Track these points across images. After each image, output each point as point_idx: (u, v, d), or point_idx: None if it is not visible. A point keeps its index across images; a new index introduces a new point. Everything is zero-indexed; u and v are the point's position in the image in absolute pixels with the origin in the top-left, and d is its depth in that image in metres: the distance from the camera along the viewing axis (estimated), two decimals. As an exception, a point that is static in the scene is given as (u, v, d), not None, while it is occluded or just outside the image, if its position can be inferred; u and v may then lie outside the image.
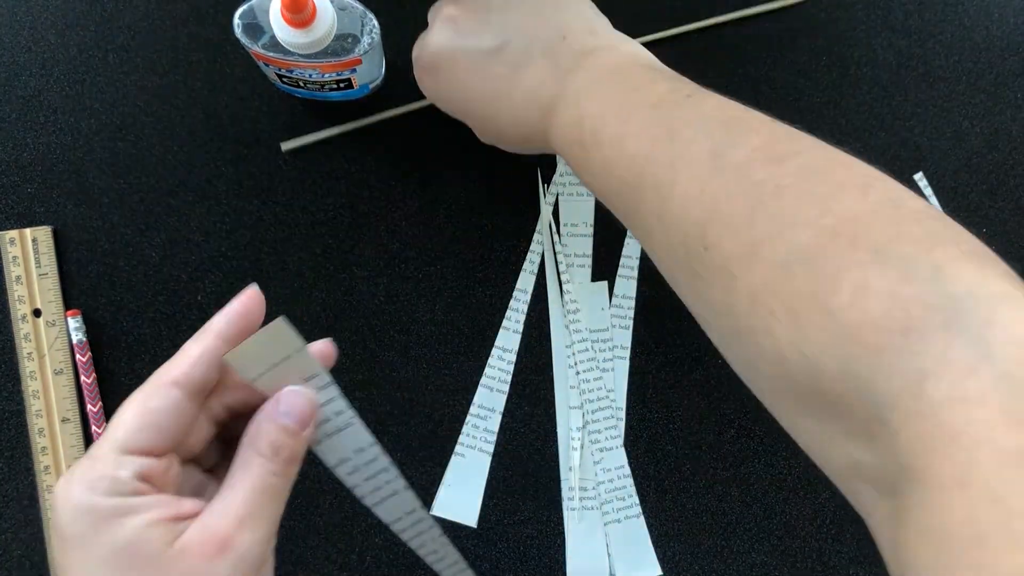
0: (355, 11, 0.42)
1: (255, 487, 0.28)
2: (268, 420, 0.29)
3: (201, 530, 0.27)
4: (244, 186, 0.48)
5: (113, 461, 0.27)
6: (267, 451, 0.29)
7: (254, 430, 0.29)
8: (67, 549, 0.27)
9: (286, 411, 0.29)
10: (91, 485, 0.27)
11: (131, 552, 0.26)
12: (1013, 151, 0.51)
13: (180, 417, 0.29)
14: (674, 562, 0.48)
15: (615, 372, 0.49)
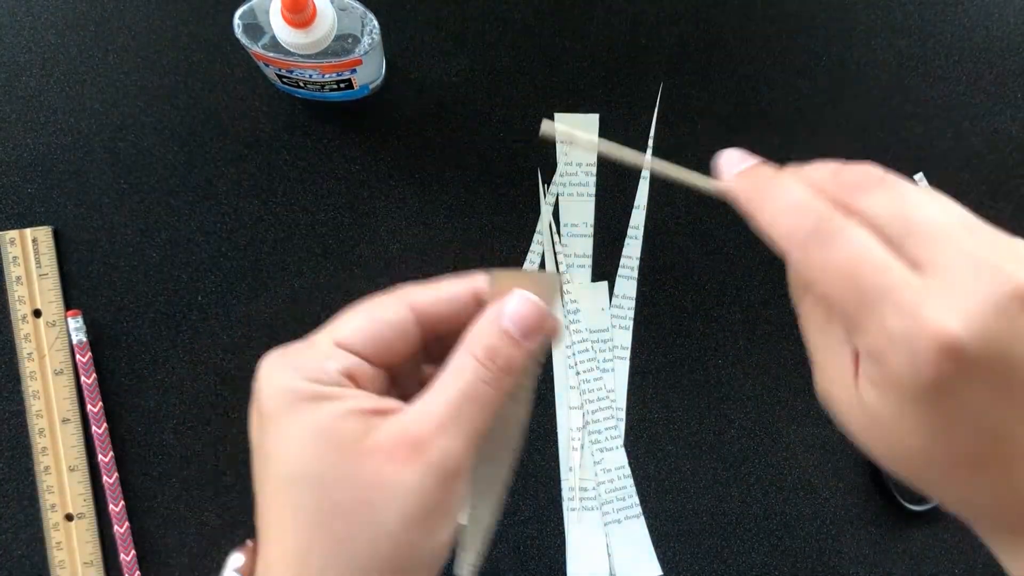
0: (355, 11, 0.42)
1: (462, 391, 0.26)
2: (489, 322, 0.27)
3: (396, 429, 0.26)
4: (244, 186, 0.48)
5: (325, 351, 0.27)
6: (481, 354, 0.27)
7: (473, 331, 0.27)
8: (264, 425, 0.26)
9: (511, 315, 0.27)
10: (296, 367, 0.26)
11: (324, 437, 0.25)
12: (1013, 151, 0.51)
13: (404, 339, 0.27)
14: (674, 562, 0.48)
15: (615, 372, 0.49)
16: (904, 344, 0.22)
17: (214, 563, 0.47)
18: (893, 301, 0.23)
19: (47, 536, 0.46)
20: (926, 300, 0.22)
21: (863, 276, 0.24)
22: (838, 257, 0.24)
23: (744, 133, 0.50)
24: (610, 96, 0.50)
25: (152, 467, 0.47)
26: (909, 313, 0.23)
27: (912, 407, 0.24)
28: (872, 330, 0.23)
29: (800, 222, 0.25)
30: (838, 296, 0.24)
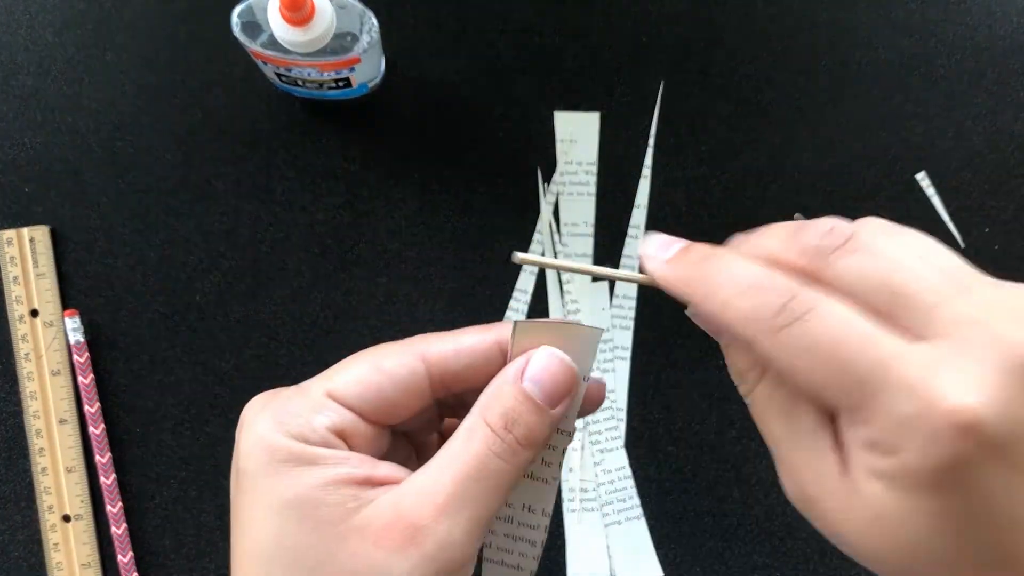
0: (354, 9, 0.41)
1: (469, 466, 0.22)
2: (506, 381, 0.24)
3: (388, 508, 0.22)
4: (243, 186, 0.48)
5: (316, 403, 0.23)
6: (496, 421, 0.23)
7: (487, 392, 0.24)
8: (240, 485, 0.23)
9: (534, 375, 0.23)
10: (281, 420, 0.23)
11: (303, 510, 0.22)
12: (1015, 151, 0.50)
13: (410, 395, 0.24)
14: (675, 564, 0.48)
15: (616, 373, 0.49)
16: (918, 427, 0.19)
17: (212, 564, 0.47)
18: (897, 379, 0.20)
19: (44, 537, 0.46)
20: (935, 374, 0.19)
21: (854, 356, 0.20)
22: (818, 337, 0.20)
23: (745, 132, 0.50)
24: (610, 95, 0.50)
25: (150, 468, 0.47)
26: (919, 391, 0.19)
27: (930, 497, 0.20)
28: (876, 416, 0.20)
29: (762, 302, 0.21)
30: (823, 382, 0.21)
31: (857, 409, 0.20)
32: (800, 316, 0.21)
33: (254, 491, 0.23)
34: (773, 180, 0.49)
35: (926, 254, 0.22)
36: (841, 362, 0.20)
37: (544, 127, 0.49)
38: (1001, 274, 0.21)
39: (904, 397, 0.19)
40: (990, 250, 0.49)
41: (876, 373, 0.20)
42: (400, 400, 0.24)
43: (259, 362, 0.48)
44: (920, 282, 0.21)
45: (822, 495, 0.22)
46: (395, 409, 0.24)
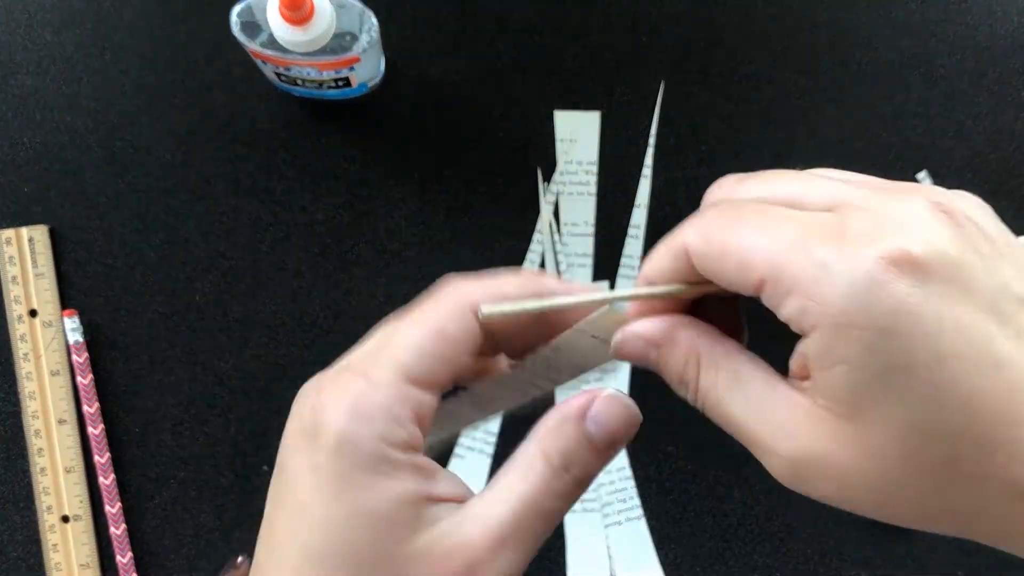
0: (353, 9, 0.41)
1: (528, 503, 0.22)
2: (569, 421, 0.23)
3: (451, 537, 0.22)
4: (242, 185, 0.48)
5: (395, 392, 0.22)
6: (557, 460, 0.23)
7: (547, 429, 0.23)
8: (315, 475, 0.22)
9: (600, 420, 0.23)
10: (369, 418, 0.22)
11: (374, 525, 0.21)
12: (1016, 150, 0.50)
13: (473, 354, 0.23)
14: (675, 564, 0.48)
15: (616, 373, 0.49)
16: (841, 267, 0.19)
17: (212, 565, 0.47)
18: (815, 235, 0.20)
19: (43, 538, 0.46)
20: (852, 226, 0.19)
21: (771, 225, 0.21)
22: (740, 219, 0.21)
23: (745, 132, 0.50)
24: (611, 94, 0.50)
25: (149, 468, 0.47)
26: (837, 237, 0.19)
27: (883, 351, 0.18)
28: (797, 274, 0.19)
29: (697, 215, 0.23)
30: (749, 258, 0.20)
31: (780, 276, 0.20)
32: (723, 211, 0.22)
33: (328, 493, 0.22)
34: (773, 180, 0.49)
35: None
36: (761, 230, 0.21)
37: (544, 127, 0.49)
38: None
39: (822, 244, 0.19)
40: (991, 250, 0.49)
41: (795, 232, 0.20)
42: (467, 364, 0.23)
43: (259, 362, 0.48)
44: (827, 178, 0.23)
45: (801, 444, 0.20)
46: (462, 372, 0.24)
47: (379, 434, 0.22)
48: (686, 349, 0.23)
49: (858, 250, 0.19)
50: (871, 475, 0.20)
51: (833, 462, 0.20)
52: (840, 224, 0.20)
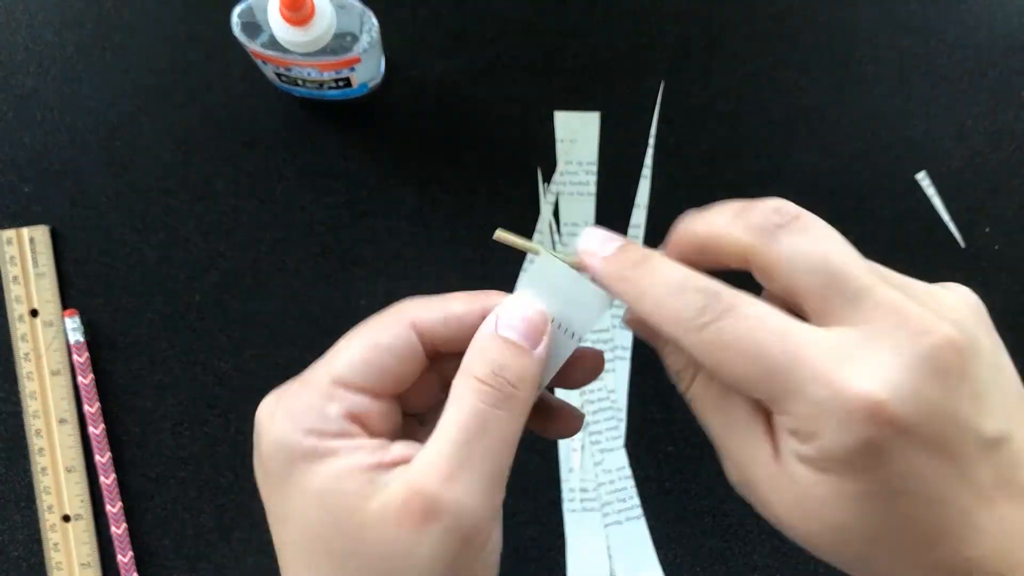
0: (354, 9, 0.41)
1: (466, 425, 0.23)
2: (484, 335, 0.24)
3: (403, 487, 0.22)
4: (242, 185, 0.48)
5: (324, 392, 0.24)
6: (483, 372, 0.23)
7: (470, 350, 0.24)
8: (268, 484, 0.24)
9: (509, 322, 0.24)
10: (294, 416, 0.23)
11: (325, 504, 0.23)
12: (1016, 150, 0.50)
13: (409, 363, 0.24)
14: (675, 564, 0.48)
15: (616, 373, 0.49)
16: (830, 413, 0.21)
17: (212, 565, 0.47)
18: (808, 368, 0.21)
19: (44, 537, 0.46)
20: (844, 361, 0.21)
21: (766, 349, 0.21)
22: (735, 334, 0.22)
23: (745, 132, 0.50)
24: (611, 94, 0.50)
25: (150, 468, 0.47)
26: (827, 378, 0.21)
27: (850, 479, 0.21)
28: (793, 405, 0.21)
29: (686, 302, 0.23)
30: (744, 376, 0.22)
31: (776, 400, 0.22)
32: (719, 315, 0.22)
33: (281, 490, 0.24)
34: (773, 180, 0.49)
35: (851, 249, 0.23)
36: (755, 356, 0.21)
37: (544, 127, 0.49)
38: (1002, 274, 0.22)
39: (815, 385, 0.21)
40: (991, 250, 0.49)
41: (788, 364, 0.21)
42: (401, 370, 0.25)
43: (259, 362, 0.48)
44: (855, 267, 0.22)
45: (758, 479, 0.23)
46: (399, 380, 0.25)
47: (306, 427, 0.23)
48: (689, 358, 0.25)
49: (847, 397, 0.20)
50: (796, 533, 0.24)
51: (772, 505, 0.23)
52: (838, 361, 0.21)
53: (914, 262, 0.49)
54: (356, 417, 0.24)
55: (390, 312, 0.25)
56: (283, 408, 0.24)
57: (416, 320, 0.25)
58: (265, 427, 0.24)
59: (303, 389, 0.24)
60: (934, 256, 0.49)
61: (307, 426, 0.23)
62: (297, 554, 0.24)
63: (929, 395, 0.21)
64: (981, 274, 0.49)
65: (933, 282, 0.25)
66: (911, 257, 0.49)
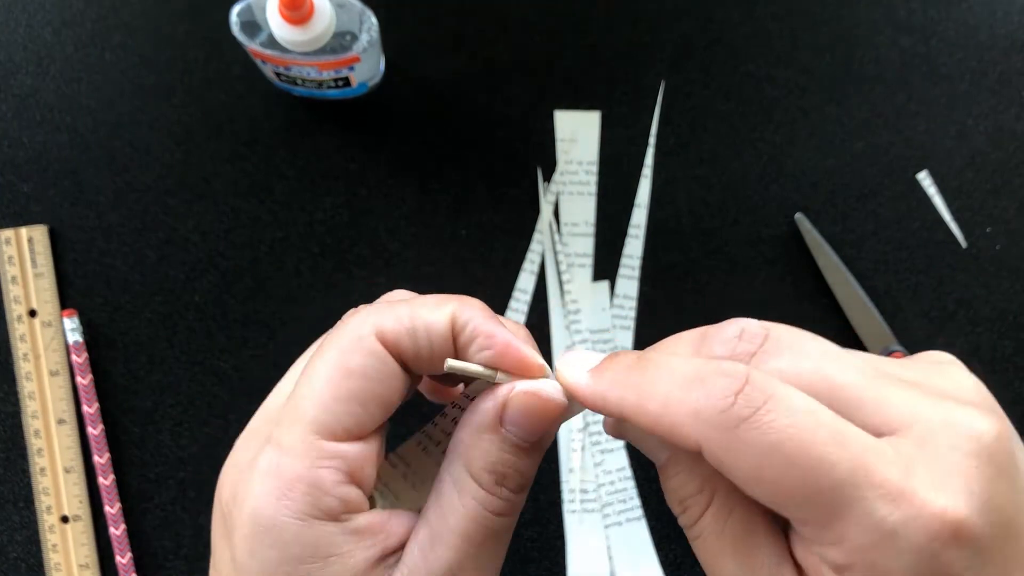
0: (353, 8, 0.41)
1: (471, 535, 0.20)
2: (487, 431, 0.21)
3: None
4: (241, 185, 0.48)
5: (310, 455, 0.19)
6: (486, 478, 0.21)
7: (466, 444, 0.21)
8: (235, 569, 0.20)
9: (515, 421, 0.21)
10: (281, 493, 0.19)
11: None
12: (1017, 149, 0.50)
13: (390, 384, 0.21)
14: (676, 565, 0.48)
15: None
16: (906, 539, 0.17)
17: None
18: (877, 484, 0.17)
19: (43, 538, 0.46)
20: (915, 476, 0.17)
21: (828, 454, 0.17)
22: (783, 432, 0.17)
23: (745, 132, 0.50)
24: (611, 94, 0.49)
25: (149, 469, 0.47)
26: (903, 496, 0.17)
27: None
28: (851, 529, 0.17)
29: (711, 392, 0.18)
30: (791, 489, 0.17)
31: (829, 523, 0.17)
32: (759, 406, 0.17)
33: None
34: (773, 180, 0.49)
35: (838, 350, 0.19)
36: (809, 462, 0.17)
37: (544, 127, 0.49)
38: (1003, 274, 0.21)
39: (888, 502, 0.17)
40: (991, 250, 0.49)
41: (850, 475, 0.17)
42: (386, 395, 0.21)
43: (258, 362, 0.47)
44: (855, 375, 0.19)
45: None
46: (386, 408, 0.21)
47: (301, 511, 0.19)
48: (704, 477, 0.20)
49: (925, 517, 0.17)
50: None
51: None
52: (904, 471, 0.17)
53: (914, 262, 0.49)
54: (354, 472, 0.20)
55: (348, 328, 0.21)
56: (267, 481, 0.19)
57: (380, 332, 0.21)
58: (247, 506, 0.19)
59: (283, 453, 0.19)
60: (935, 256, 0.49)
61: (301, 509, 0.19)
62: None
63: (1001, 503, 0.17)
64: (982, 274, 0.49)
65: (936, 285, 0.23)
66: (911, 257, 0.49)
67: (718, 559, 0.20)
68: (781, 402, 0.17)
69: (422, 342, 0.21)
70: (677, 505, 0.21)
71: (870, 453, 0.17)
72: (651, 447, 0.21)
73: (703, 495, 0.20)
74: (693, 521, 0.20)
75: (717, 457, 0.18)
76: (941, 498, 0.17)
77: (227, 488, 0.21)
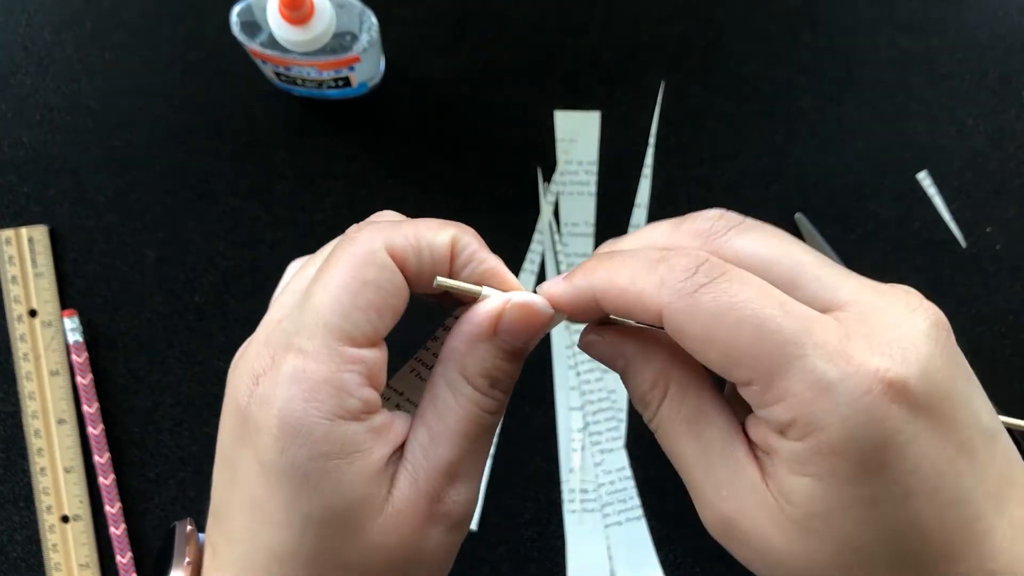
0: (353, 8, 0.41)
1: (467, 432, 0.22)
2: (483, 339, 0.23)
3: (411, 489, 0.22)
4: (241, 185, 0.48)
5: (334, 359, 0.20)
6: (482, 382, 0.23)
7: (462, 350, 0.23)
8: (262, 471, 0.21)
9: (511, 330, 0.23)
10: (309, 391, 0.20)
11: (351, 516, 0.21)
12: (1018, 150, 0.50)
13: (400, 296, 0.22)
14: (675, 565, 0.48)
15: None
16: (842, 395, 0.18)
17: (211, 565, 0.47)
18: (817, 344, 0.19)
19: (43, 538, 0.46)
20: (852, 340, 0.19)
21: (772, 316, 0.19)
22: (735, 300, 0.19)
23: (745, 132, 0.50)
24: (611, 94, 0.49)
25: (149, 469, 0.47)
26: (841, 354, 0.18)
27: (859, 483, 0.19)
28: (794, 384, 0.19)
29: (674, 265, 0.20)
30: (738, 348, 0.19)
31: (772, 381, 0.19)
32: (715, 278, 0.20)
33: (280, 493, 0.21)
34: (773, 180, 0.49)
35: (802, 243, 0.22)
36: (755, 324, 0.19)
37: (544, 127, 0.49)
38: (1003, 274, 0.21)
39: (823, 360, 0.18)
40: (992, 250, 0.49)
41: (793, 335, 0.19)
42: (397, 306, 0.22)
43: (258, 362, 0.47)
44: (813, 257, 0.21)
45: (743, 512, 0.20)
46: (396, 318, 0.22)
47: (329, 411, 0.20)
48: (657, 371, 0.23)
49: (861, 374, 0.18)
50: (795, 566, 0.20)
51: (762, 539, 0.20)
52: (844, 337, 0.19)
53: (915, 262, 0.49)
54: (372, 376, 0.21)
55: (360, 243, 0.22)
56: (293, 384, 0.20)
57: (391, 248, 0.22)
58: (275, 408, 0.20)
59: (307, 358, 0.20)
60: (935, 256, 0.49)
61: (330, 409, 0.20)
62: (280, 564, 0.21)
63: (944, 372, 0.19)
64: (982, 274, 0.49)
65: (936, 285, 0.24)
66: (912, 257, 0.49)
67: (677, 442, 0.22)
68: (737, 274, 0.20)
69: (425, 260, 0.23)
70: (639, 402, 0.24)
71: (814, 322, 0.19)
72: (611, 356, 0.24)
73: (658, 388, 0.23)
74: (653, 413, 0.23)
75: (676, 321, 0.20)
76: (878, 360, 0.18)
77: (243, 396, 0.22)
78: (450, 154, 0.49)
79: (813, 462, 0.19)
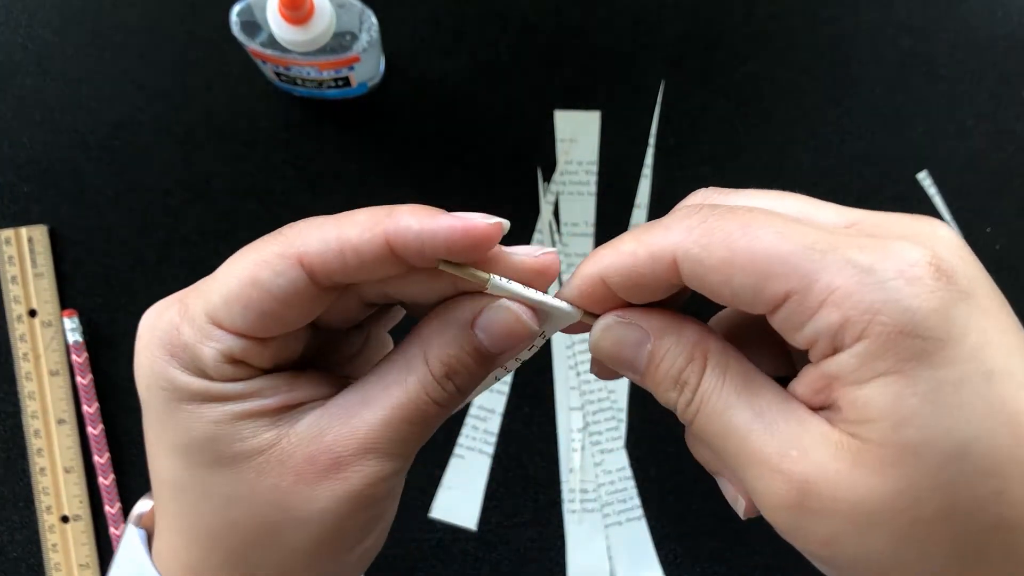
0: (353, 8, 0.41)
1: (405, 408, 0.21)
2: (457, 327, 0.22)
3: (313, 438, 0.21)
4: (241, 185, 0.48)
5: (201, 329, 0.21)
6: (439, 369, 0.21)
7: (431, 330, 0.22)
8: (144, 412, 0.22)
9: (488, 328, 0.22)
10: (172, 352, 0.21)
11: (212, 448, 0.21)
12: (1017, 150, 0.50)
13: (297, 305, 0.21)
14: (676, 564, 0.48)
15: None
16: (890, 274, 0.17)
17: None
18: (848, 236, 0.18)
19: (43, 538, 0.46)
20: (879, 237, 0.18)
21: (791, 227, 0.18)
22: (747, 218, 0.19)
23: (746, 132, 0.50)
24: (611, 94, 0.49)
25: (148, 469, 0.47)
26: (875, 245, 0.18)
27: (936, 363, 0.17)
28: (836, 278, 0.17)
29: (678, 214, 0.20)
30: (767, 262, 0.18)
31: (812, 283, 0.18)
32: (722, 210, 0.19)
33: (159, 427, 0.22)
34: (773, 180, 0.49)
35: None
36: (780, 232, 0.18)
37: (544, 127, 0.49)
38: (1003, 274, 0.21)
39: (860, 250, 0.18)
40: (992, 250, 0.49)
41: (823, 237, 0.18)
42: (287, 313, 0.21)
43: (258, 362, 0.47)
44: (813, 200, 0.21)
45: (820, 467, 0.18)
46: (284, 323, 0.21)
47: (189, 368, 0.21)
48: (692, 342, 0.21)
49: (904, 255, 0.17)
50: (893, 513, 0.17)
51: (849, 491, 0.18)
52: (872, 233, 0.19)
53: (915, 262, 0.49)
54: (234, 359, 0.21)
55: (276, 241, 0.21)
56: (160, 334, 0.21)
57: (305, 256, 0.21)
58: (143, 347, 0.22)
59: (182, 320, 0.21)
60: (935, 256, 0.49)
61: (187, 364, 0.21)
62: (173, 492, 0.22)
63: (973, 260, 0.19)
64: (982, 274, 0.49)
65: None
66: (912, 257, 0.49)
67: (727, 415, 0.20)
68: (742, 206, 0.19)
69: (350, 263, 0.21)
70: (672, 388, 0.22)
71: (836, 225, 0.19)
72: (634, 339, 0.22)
73: (696, 361, 0.21)
74: (693, 391, 0.21)
75: (694, 256, 0.19)
76: (910, 248, 0.18)
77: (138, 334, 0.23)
78: (450, 154, 0.49)
79: (880, 355, 0.17)
